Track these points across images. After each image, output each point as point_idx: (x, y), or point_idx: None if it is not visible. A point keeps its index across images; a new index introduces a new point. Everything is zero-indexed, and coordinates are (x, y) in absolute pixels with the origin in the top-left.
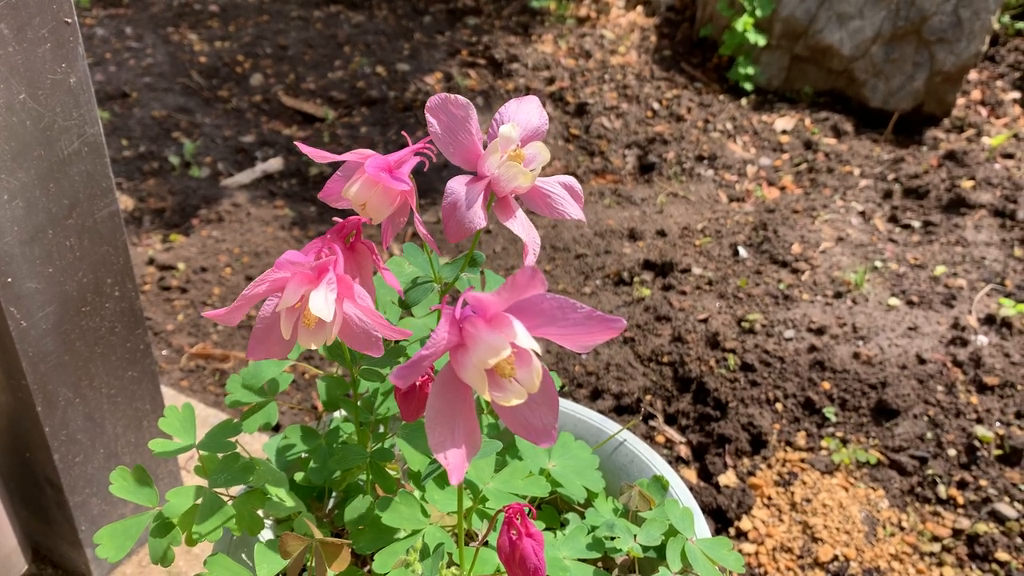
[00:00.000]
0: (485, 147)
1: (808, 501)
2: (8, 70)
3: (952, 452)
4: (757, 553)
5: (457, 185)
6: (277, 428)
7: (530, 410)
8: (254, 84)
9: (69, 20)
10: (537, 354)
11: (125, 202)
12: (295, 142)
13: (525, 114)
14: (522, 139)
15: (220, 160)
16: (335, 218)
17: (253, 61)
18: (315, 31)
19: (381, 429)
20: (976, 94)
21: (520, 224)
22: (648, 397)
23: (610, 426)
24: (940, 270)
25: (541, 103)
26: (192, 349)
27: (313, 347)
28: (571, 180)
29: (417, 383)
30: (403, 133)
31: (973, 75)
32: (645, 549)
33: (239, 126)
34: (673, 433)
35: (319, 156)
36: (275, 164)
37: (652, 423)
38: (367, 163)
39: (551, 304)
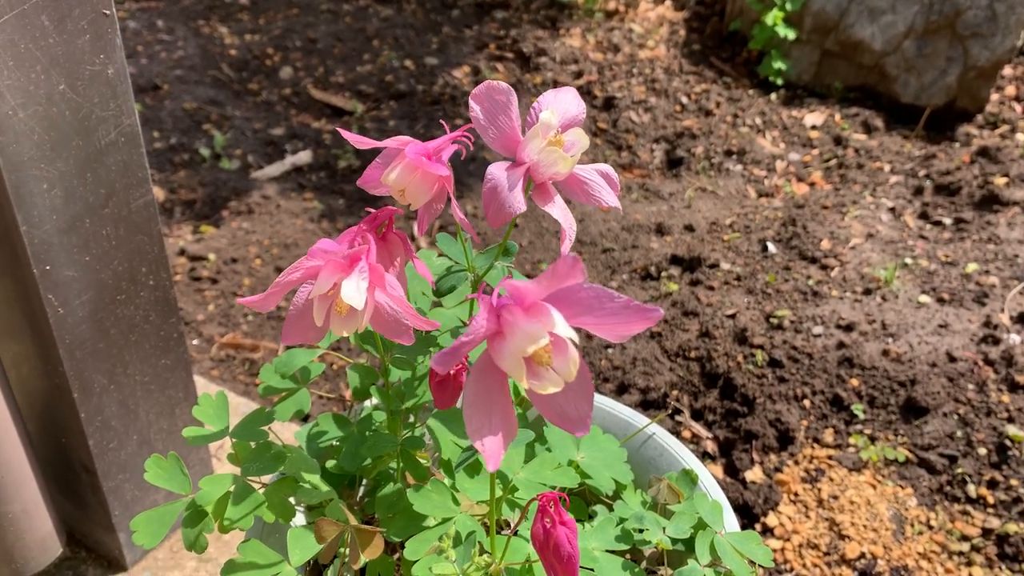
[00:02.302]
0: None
1: (835, 498)
2: (49, 61)
3: (982, 451)
4: (783, 549)
5: (497, 170)
6: (306, 419)
7: (566, 399)
8: (284, 77)
9: (107, 12)
10: (575, 343)
11: (156, 193)
12: (338, 128)
13: (563, 103)
14: (561, 126)
15: (250, 152)
16: (368, 208)
17: (283, 54)
18: (344, 24)
19: (411, 419)
20: (1010, 90)
21: (559, 209)
22: (675, 392)
23: (639, 419)
24: (972, 267)
25: None
26: (222, 339)
27: (345, 334)
28: (607, 168)
29: (451, 372)
30: (441, 122)
31: (1008, 70)
32: (674, 542)
33: (269, 119)
34: (700, 428)
35: (359, 142)
36: (304, 157)
37: (679, 418)
38: (407, 149)
39: (588, 293)
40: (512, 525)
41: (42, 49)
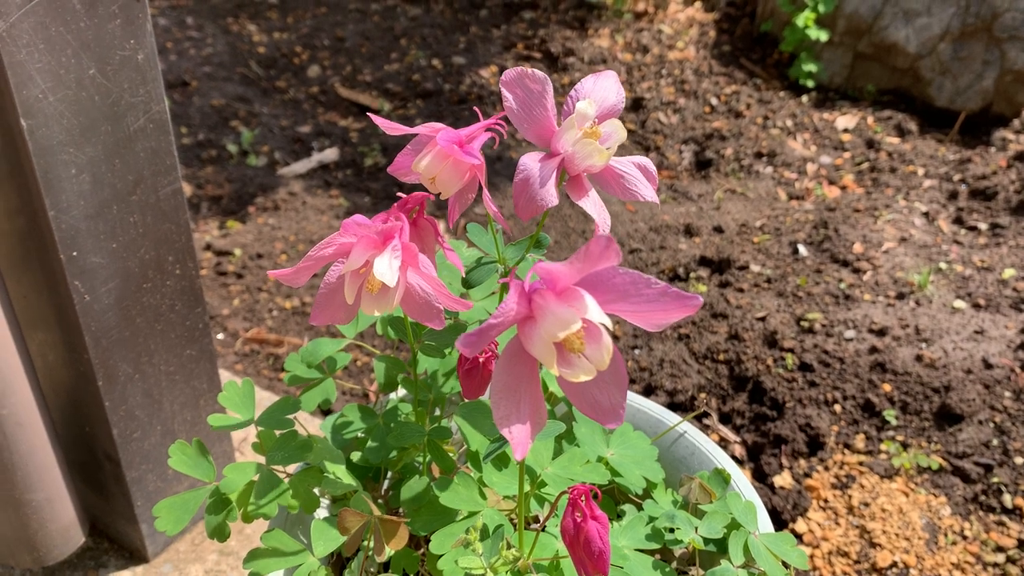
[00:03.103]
0: (559, 124)
1: (866, 505)
2: (79, 45)
3: (1019, 460)
4: (813, 556)
5: (530, 161)
6: (328, 413)
7: (598, 388)
8: (311, 75)
9: None
10: (608, 329)
11: (183, 188)
12: (369, 114)
13: (602, 91)
14: (598, 116)
15: (277, 149)
16: (400, 193)
17: (311, 52)
18: (372, 23)
19: (437, 412)
20: None
21: (593, 203)
22: (703, 395)
23: (670, 417)
24: (1008, 273)
25: None
26: (247, 333)
27: (376, 314)
28: (645, 161)
29: (480, 360)
30: (475, 109)
31: None
32: (706, 542)
33: (296, 116)
34: (728, 432)
35: (391, 128)
36: (331, 154)
37: (706, 421)
38: (439, 136)
39: (624, 279)
40: (541, 520)
41: (73, 32)
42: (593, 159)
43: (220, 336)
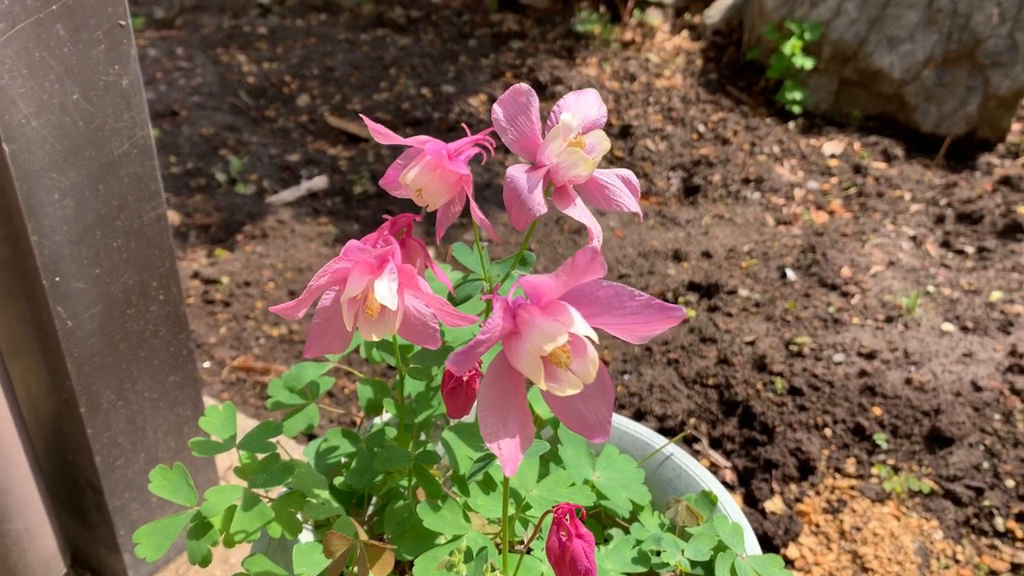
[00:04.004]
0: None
1: (858, 530)
2: (63, 70)
3: (1010, 483)
4: None
5: (517, 172)
6: (313, 438)
7: (584, 403)
8: (301, 104)
9: (123, 23)
10: (594, 343)
11: (172, 217)
12: (362, 116)
13: (584, 106)
14: (582, 128)
15: (266, 178)
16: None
17: (300, 82)
18: (361, 53)
19: (423, 436)
20: None
21: (580, 211)
22: (692, 420)
23: (656, 440)
24: (996, 296)
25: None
26: (233, 362)
27: (375, 338)
28: (628, 173)
29: (464, 378)
30: (463, 126)
31: None
32: (693, 565)
33: (285, 145)
34: (718, 457)
35: (383, 136)
36: (320, 182)
37: (696, 446)
38: (427, 146)
39: (607, 291)
40: (525, 542)
41: (57, 58)
42: (578, 168)
43: (207, 364)
